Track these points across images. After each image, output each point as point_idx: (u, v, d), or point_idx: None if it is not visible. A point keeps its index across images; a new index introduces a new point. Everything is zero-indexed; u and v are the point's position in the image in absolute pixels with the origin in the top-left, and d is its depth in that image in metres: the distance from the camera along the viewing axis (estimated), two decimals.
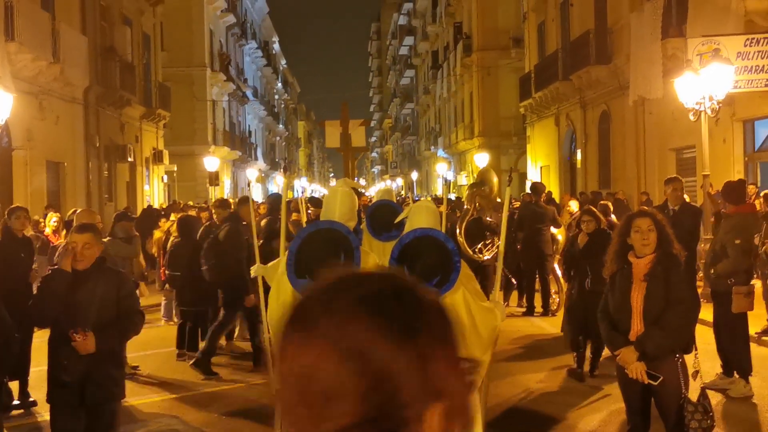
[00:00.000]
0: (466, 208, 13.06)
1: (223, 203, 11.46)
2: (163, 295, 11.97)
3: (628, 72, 18.84)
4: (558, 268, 12.12)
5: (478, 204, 12.90)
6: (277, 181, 61.01)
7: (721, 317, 7.75)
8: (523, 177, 34.20)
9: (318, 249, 4.31)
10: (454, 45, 42.12)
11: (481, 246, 11.18)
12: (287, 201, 7.77)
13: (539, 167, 30.45)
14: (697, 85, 12.40)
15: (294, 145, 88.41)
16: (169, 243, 10.72)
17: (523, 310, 12.46)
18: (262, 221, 9.84)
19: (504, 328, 6.12)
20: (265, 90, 60.32)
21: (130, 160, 25.68)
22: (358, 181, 74.97)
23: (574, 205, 13.17)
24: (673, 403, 4.64)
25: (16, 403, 7.44)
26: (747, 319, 7.73)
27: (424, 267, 4.26)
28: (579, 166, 25.48)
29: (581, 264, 8.05)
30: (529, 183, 22.60)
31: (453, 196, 24.29)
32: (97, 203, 22.02)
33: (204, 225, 10.86)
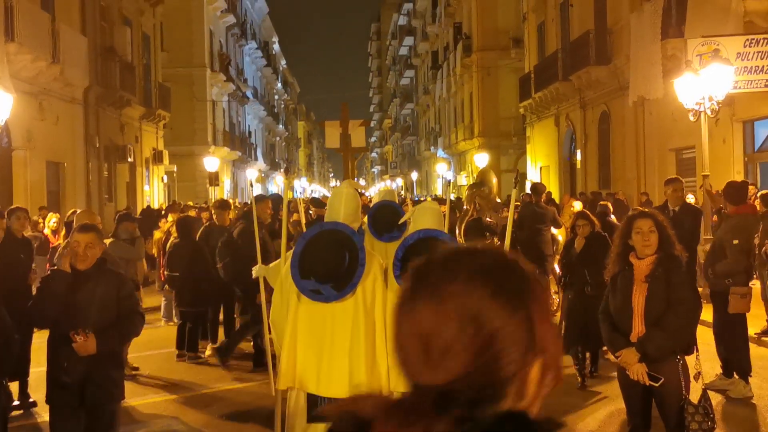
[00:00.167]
0: (466, 208, 13.06)
1: (223, 204, 11.42)
2: (162, 295, 11.96)
3: (628, 72, 18.83)
4: (558, 268, 12.12)
5: (477, 204, 12.91)
6: (277, 182, 61.02)
7: (720, 318, 7.74)
8: (522, 177, 34.21)
9: (322, 250, 4.30)
10: (454, 45, 42.11)
11: None
12: (287, 201, 7.76)
13: (539, 167, 30.45)
14: (697, 86, 12.39)
15: (294, 146, 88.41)
16: (168, 243, 10.69)
17: None
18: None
19: None
20: (265, 90, 60.32)
21: (130, 160, 25.67)
22: (357, 182, 74.87)
23: (578, 205, 13.15)
24: (674, 404, 4.62)
25: (16, 403, 7.43)
26: (746, 319, 7.73)
27: None
28: (579, 166, 25.47)
29: (579, 270, 7.92)
30: (529, 183, 22.61)
31: (452, 197, 24.28)
32: (96, 203, 22.01)
33: (204, 225, 10.85)
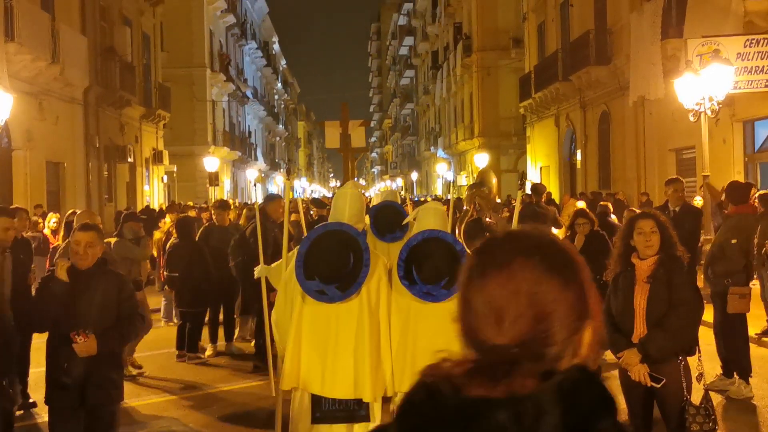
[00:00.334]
0: (466, 208, 13.04)
1: (222, 204, 11.39)
2: (162, 296, 11.95)
3: (628, 72, 18.83)
4: None
5: (477, 204, 12.90)
6: (277, 182, 61.02)
7: (720, 318, 7.74)
8: (522, 177, 34.19)
9: (327, 250, 4.29)
10: (454, 45, 42.09)
11: None
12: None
13: (539, 168, 30.44)
14: (697, 86, 12.39)
15: (294, 146, 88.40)
16: (168, 244, 10.67)
17: None
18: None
19: None
20: (265, 90, 60.31)
21: (130, 160, 25.67)
22: (357, 182, 74.81)
23: (582, 205, 13.11)
24: (675, 405, 4.61)
25: (32, 401, 7.43)
26: (746, 319, 7.73)
27: (433, 268, 4.23)
28: (579, 166, 25.47)
29: None
30: (529, 184, 22.59)
31: (449, 197, 24.23)
32: (96, 204, 22.01)
33: (204, 226, 10.84)
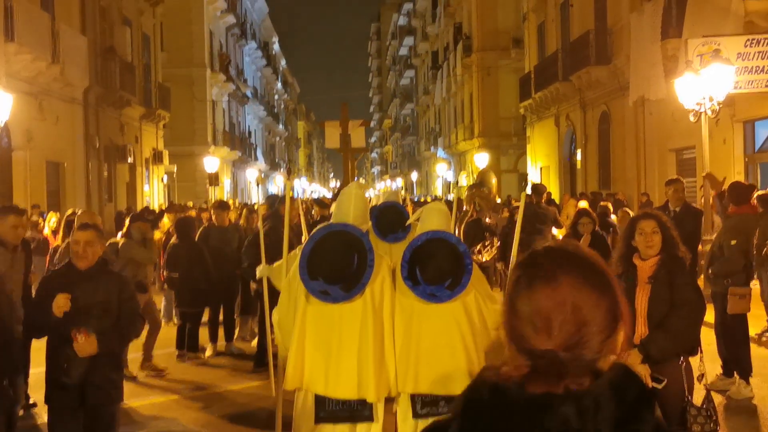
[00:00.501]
0: (466, 209, 13.05)
1: (222, 204, 11.36)
2: (162, 296, 11.94)
3: (628, 72, 18.82)
4: None
5: (477, 205, 12.92)
6: (277, 182, 61.03)
7: (720, 318, 7.74)
8: (522, 177, 34.19)
9: (331, 251, 4.28)
10: (454, 45, 42.09)
11: (480, 247, 11.17)
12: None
13: (539, 168, 30.43)
14: (698, 86, 12.37)
15: (294, 146, 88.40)
16: (168, 244, 10.65)
17: None
18: (259, 222, 9.81)
19: None
20: (265, 90, 60.32)
21: (129, 160, 25.67)
22: (361, 182, 74.89)
23: (585, 205, 13.11)
24: (676, 406, 4.60)
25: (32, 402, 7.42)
26: (747, 319, 7.72)
27: (436, 269, 4.22)
28: (579, 166, 25.46)
29: None
30: (529, 184, 22.59)
31: (450, 197, 24.25)
32: (96, 204, 22.01)
33: (203, 226, 10.83)
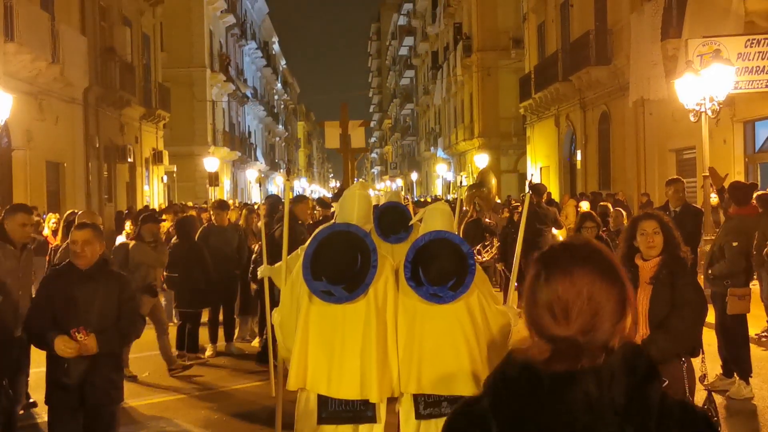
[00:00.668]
0: (465, 209, 13.04)
1: (221, 204, 11.33)
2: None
3: (628, 73, 18.82)
4: None
5: (477, 205, 12.90)
6: (277, 182, 61.02)
7: (720, 319, 7.74)
8: (522, 177, 34.20)
9: (335, 251, 4.27)
10: (454, 45, 42.09)
11: (479, 247, 11.16)
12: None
13: (539, 168, 30.43)
14: (698, 86, 12.37)
15: (294, 146, 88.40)
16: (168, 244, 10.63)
17: (522, 310, 12.41)
18: (259, 222, 9.80)
19: None
20: (265, 90, 60.32)
21: (129, 160, 25.67)
22: (365, 182, 74.87)
23: (586, 205, 13.11)
24: None
25: (31, 401, 7.42)
26: (746, 320, 7.72)
27: (439, 270, 4.21)
28: (579, 166, 25.46)
29: None
30: (528, 184, 22.57)
31: (449, 197, 24.25)
32: (96, 204, 22.00)
33: (203, 226, 10.82)
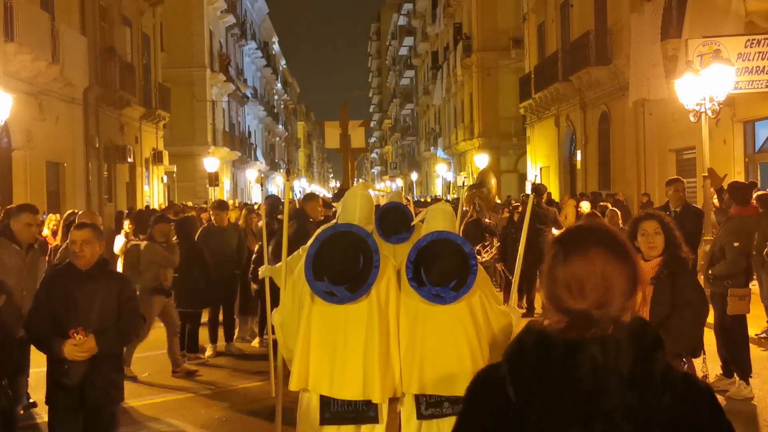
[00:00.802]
0: (465, 209, 13.05)
1: (221, 204, 11.32)
2: None
3: (628, 73, 18.82)
4: None
5: (477, 205, 12.90)
6: (277, 182, 61.01)
7: (720, 319, 7.74)
8: (522, 178, 34.20)
9: (337, 251, 4.27)
10: (453, 45, 42.09)
11: (479, 247, 11.16)
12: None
13: (539, 168, 30.43)
14: (698, 86, 12.36)
15: (293, 146, 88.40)
16: None
17: (523, 311, 12.42)
18: (260, 222, 9.79)
19: None
20: (265, 90, 60.32)
21: (129, 160, 25.67)
22: (367, 182, 74.86)
23: (586, 206, 13.11)
24: None
25: (31, 401, 7.43)
26: (746, 320, 7.72)
27: (441, 270, 4.21)
28: (579, 167, 25.46)
29: None
30: (529, 184, 22.60)
31: (449, 197, 24.26)
32: (96, 204, 22.00)
33: (203, 226, 10.82)
